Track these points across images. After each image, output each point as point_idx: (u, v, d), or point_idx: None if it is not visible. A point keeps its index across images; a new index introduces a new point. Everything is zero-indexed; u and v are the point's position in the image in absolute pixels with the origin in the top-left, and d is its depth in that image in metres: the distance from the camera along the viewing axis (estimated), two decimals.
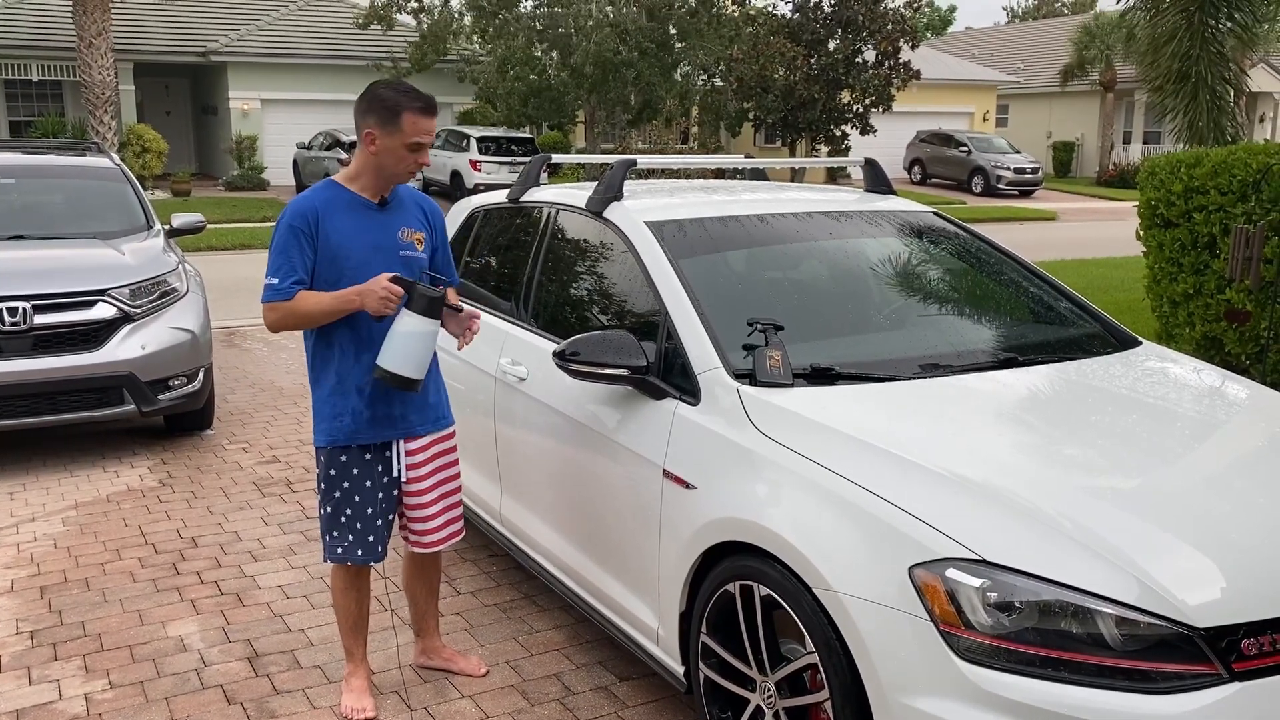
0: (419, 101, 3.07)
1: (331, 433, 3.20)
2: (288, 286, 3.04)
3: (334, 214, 3.11)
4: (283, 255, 3.06)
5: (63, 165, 7.26)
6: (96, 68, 20.41)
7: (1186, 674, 2.20)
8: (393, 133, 3.06)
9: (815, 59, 25.66)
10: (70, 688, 3.55)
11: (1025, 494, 2.46)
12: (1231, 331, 6.60)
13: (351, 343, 3.16)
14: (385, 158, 3.10)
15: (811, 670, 2.61)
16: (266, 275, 3.08)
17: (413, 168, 3.13)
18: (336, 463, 3.21)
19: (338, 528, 3.24)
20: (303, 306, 3.05)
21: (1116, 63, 32.10)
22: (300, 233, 3.06)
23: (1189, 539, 2.38)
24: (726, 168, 4.80)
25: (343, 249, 3.10)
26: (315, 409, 3.24)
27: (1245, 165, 6.48)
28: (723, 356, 3.05)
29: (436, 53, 25.23)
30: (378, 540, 3.27)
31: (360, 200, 3.17)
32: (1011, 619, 2.26)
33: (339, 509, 3.23)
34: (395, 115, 3.05)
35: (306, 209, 3.09)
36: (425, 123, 3.08)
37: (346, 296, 3.04)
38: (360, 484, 3.22)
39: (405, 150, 3.08)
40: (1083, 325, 3.76)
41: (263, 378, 8.02)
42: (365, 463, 3.22)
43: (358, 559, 3.26)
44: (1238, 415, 3.21)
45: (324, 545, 3.29)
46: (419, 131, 3.07)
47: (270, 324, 3.10)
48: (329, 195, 3.15)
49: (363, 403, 3.18)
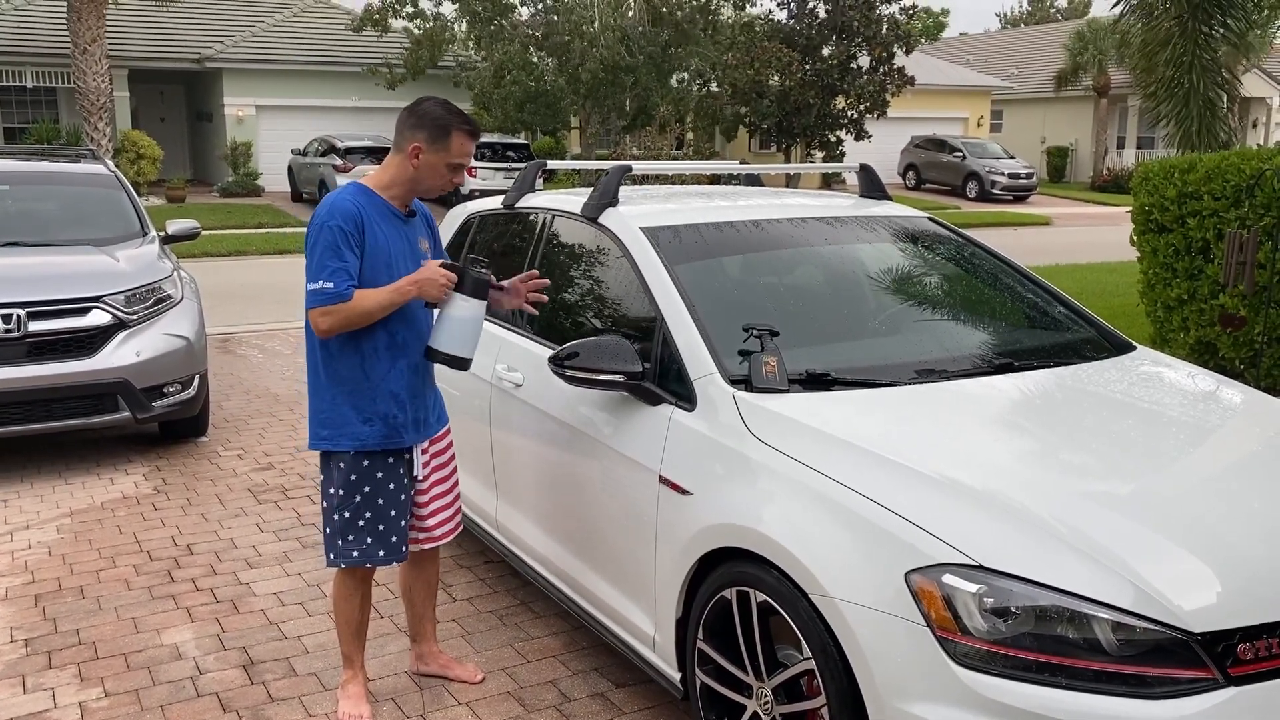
0: (468, 125, 3.16)
1: (360, 438, 3.16)
2: (345, 289, 3.01)
3: (376, 220, 3.13)
4: (335, 258, 3.01)
5: (57, 172, 7.24)
6: (91, 74, 20.38)
7: (1183, 679, 2.20)
8: (439, 150, 3.11)
9: (810, 64, 25.71)
10: (65, 696, 3.54)
11: (1021, 499, 2.47)
12: (1226, 336, 6.61)
13: (387, 348, 3.16)
14: (425, 172, 3.14)
15: (808, 676, 2.61)
16: (315, 279, 3.01)
17: (447, 186, 3.19)
18: (358, 468, 3.20)
19: (354, 531, 3.23)
20: (362, 305, 3.03)
21: (1110, 68, 32.21)
22: (349, 235, 3.05)
23: (1185, 544, 2.38)
24: (722, 174, 4.80)
25: (385, 255, 3.12)
26: (332, 413, 3.16)
27: (1238, 170, 6.49)
28: (718, 362, 3.06)
29: (432, 58, 25.24)
30: (400, 540, 3.28)
31: (391, 209, 3.19)
32: (1008, 624, 2.27)
33: (359, 513, 3.22)
34: (445, 134, 3.11)
35: (352, 212, 3.07)
36: (469, 144, 3.17)
37: (402, 288, 3.06)
38: (384, 487, 3.23)
39: (446, 169, 3.14)
40: (1078, 330, 3.77)
41: (258, 384, 8.01)
42: (389, 466, 3.23)
43: (379, 560, 3.26)
44: (1232, 420, 3.22)
45: (336, 550, 3.24)
46: (463, 153, 3.15)
47: (325, 329, 3.04)
48: (367, 200, 3.14)
49: (396, 408, 3.19)
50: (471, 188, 21.19)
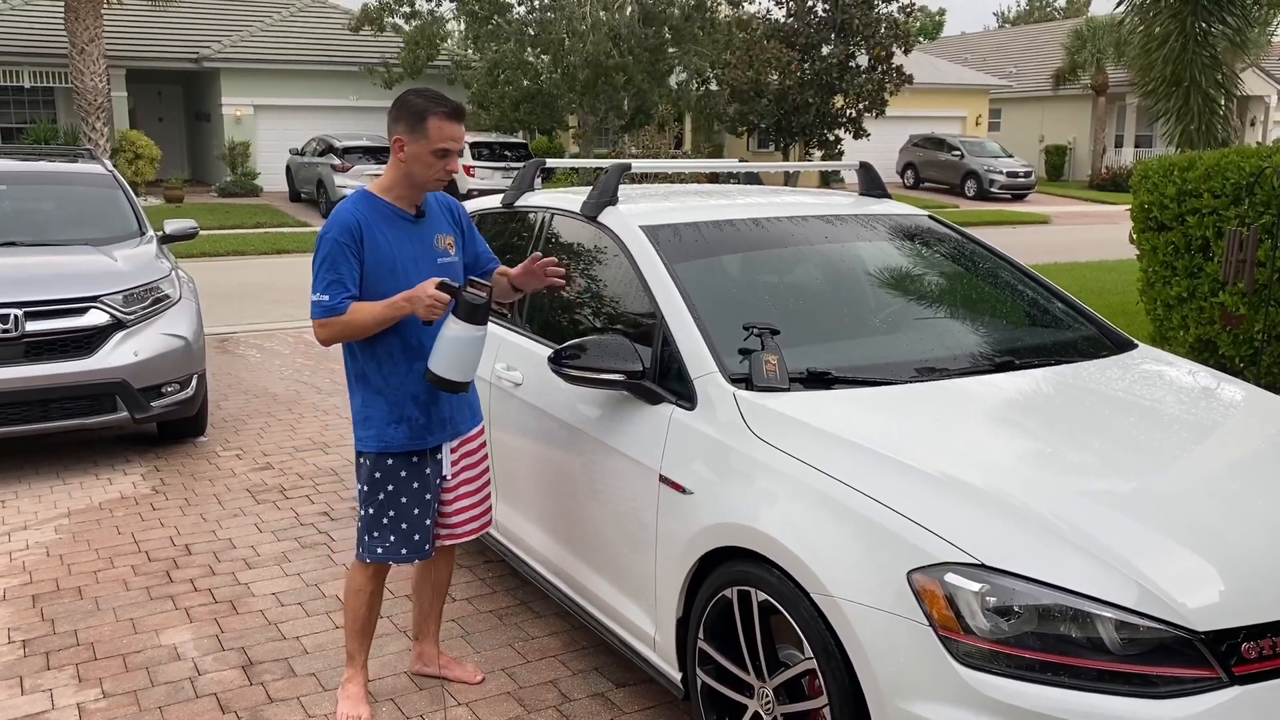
0: (444, 106, 3.08)
1: (384, 439, 3.19)
2: (339, 302, 3.04)
3: (377, 227, 3.11)
4: (332, 270, 3.04)
5: (55, 172, 7.22)
6: (89, 74, 20.34)
7: (1187, 678, 2.19)
8: (419, 139, 3.06)
9: (809, 64, 25.70)
10: (63, 697, 3.53)
11: (1023, 498, 2.46)
12: (1225, 334, 6.60)
13: (402, 352, 3.17)
14: (414, 165, 3.10)
15: (810, 676, 2.60)
16: (315, 291, 3.06)
17: (441, 175, 3.12)
18: (382, 467, 3.21)
19: (379, 529, 3.25)
20: (357, 319, 3.05)
21: (1108, 66, 32.20)
22: (346, 247, 3.05)
23: (1188, 542, 2.37)
24: (721, 172, 4.79)
25: (387, 262, 3.11)
26: (362, 414, 3.21)
27: (1238, 169, 6.49)
28: (719, 361, 3.05)
29: (428, 55, 25.22)
30: (424, 539, 3.28)
31: (397, 212, 3.16)
32: (1010, 623, 2.25)
33: (382, 511, 3.24)
34: (422, 119, 3.05)
35: (350, 223, 3.07)
36: (450, 128, 3.08)
37: (396, 303, 3.04)
38: (407, 486, 3.23)
39: (432, 156, 3.08)
40: (1078, 328, 3.76)
41: (256, 384, 7.99)
42: (413, 465, 3.23)
43: (401, 558, 3.27)
44: (1235, 418, 3.21)
45: (364, 545, 3.28)
46: (445, 137, 3.07)
47: (323, 339, 3.09)
48: (369, 207, 3.13)
49: (418, 410, 3.20)
50: (469, 187, 21.20)
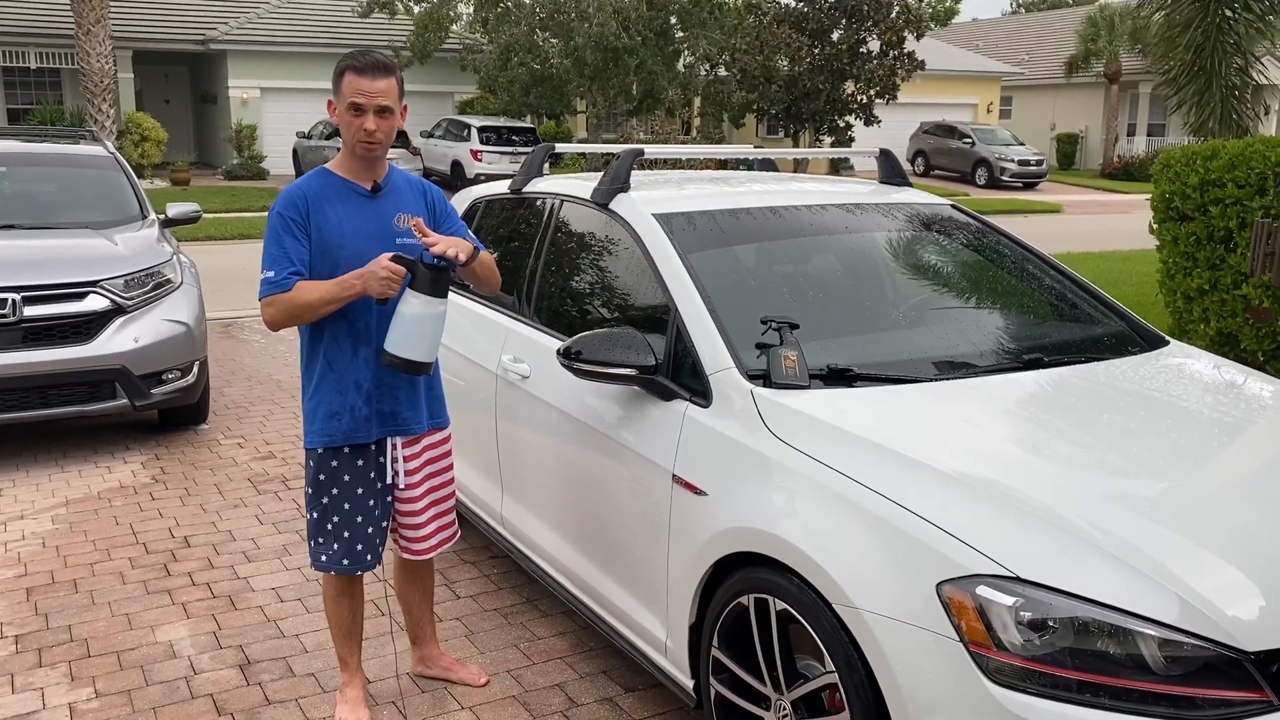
0: (358, 61, 2.90)
1: (328, 433, 3.04)
2: (284, 278, 2.88)
3: (326, 202, 2.97)
4: (277, 246, 2.91)
5: (56, 153, 7.09)
6: (95, 55, 20.21)
7: (1235, 701, 2.06)
8: (338, 97, 2.93)
9: (819, 49, 25.47)
10: (54, 696, 3.42)
11: (1058, 506, 2.32)
12: (1248, 328, 6.45)
13: (348, 337, 3.01)
14: (342, 129, 2.95)
15: (830, 690, 2.47)
16: (262, 269, 2.92)
17: (360, 135, 2.91)
18: (326, 467, 3.06)
19: (323, 534, 3.11)
20: (302, 297, 2.88)
21: (1121, 55, 31.88)
22: (292, 221, 2.92)
23: (1232, 555, 2.23)
24: (734, 158, 4.65)
25: (335, 238, 2.95)
26: (309, 409, 3.08)
27: (1263, 158, 6.31)
28: (735, 356, 2.91)
29: (437, 38, 25.03)
30: (367, 549, 3.12)
31: (352, 186, 3.02)
32: (1045, 639, 2.13)
33: (326, 515, 3.09)
34: (339, 77, 2.91)
35: (297, 197, 2.94)
36: (361, 82, 2.87)
37: (348, 282, 2.88)
38: (351, 490, 3.07)
39: (349, 115, 2.90)
40: (1108, 323, 3.62)
41: (259, 370, 7.88)
42: (357, 468, 3.07)
43: (343, 569, 3.11)
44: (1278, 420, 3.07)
45: (309, 552, 3.16)
46: (355, 91, 2.87)
47: (269, 320, 2.92)
48: (320, 183, 3.00)
49: (361, 399, 3.03)
50: (476, 172, 21.06)
